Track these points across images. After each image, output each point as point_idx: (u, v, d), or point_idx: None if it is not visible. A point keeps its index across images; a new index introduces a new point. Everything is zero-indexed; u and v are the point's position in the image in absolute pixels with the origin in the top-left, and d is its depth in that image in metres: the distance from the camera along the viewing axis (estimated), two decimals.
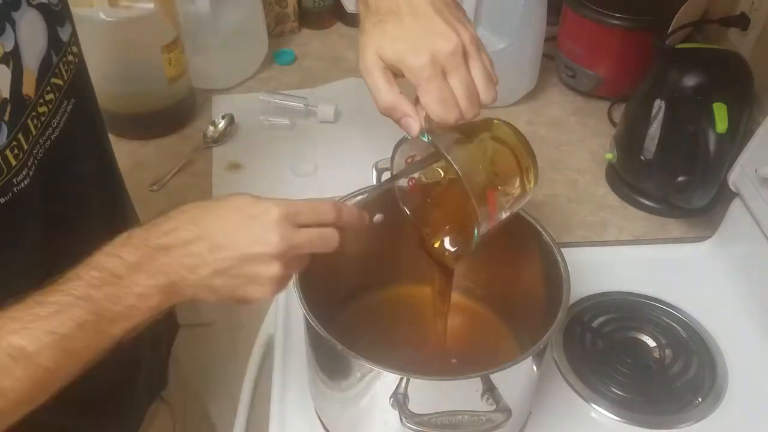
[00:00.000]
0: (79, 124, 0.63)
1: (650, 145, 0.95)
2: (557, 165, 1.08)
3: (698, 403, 0.77)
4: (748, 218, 0.87)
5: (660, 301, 0.88)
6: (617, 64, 1.15)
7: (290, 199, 0.57)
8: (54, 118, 0.59)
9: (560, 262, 0.68)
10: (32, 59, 0.56)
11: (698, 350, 0.83)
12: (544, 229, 0.72)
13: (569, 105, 1.20)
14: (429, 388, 0.62)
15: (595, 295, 0.88)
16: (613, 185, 1.04)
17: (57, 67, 0.60)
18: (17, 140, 0.54)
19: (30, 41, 0.55)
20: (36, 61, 0.56)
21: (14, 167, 0.54)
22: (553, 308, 0.65)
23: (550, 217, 0.97)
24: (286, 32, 1.34)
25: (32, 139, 0.56)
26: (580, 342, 0.83)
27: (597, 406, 0.77)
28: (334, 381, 0.68)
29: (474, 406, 0.59)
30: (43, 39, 0.57)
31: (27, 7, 0.55)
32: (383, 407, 0.61)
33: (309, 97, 1.15)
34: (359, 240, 0.78)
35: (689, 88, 0.91)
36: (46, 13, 0.58)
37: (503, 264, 0.79)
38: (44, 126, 0.58)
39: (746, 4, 1.02)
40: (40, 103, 0.57)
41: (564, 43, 1.20)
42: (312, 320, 0.62)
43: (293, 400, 0.77)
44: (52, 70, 0.59)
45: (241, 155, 1.07)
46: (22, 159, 0.54)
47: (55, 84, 0.59)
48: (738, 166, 0.87)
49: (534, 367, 0.66)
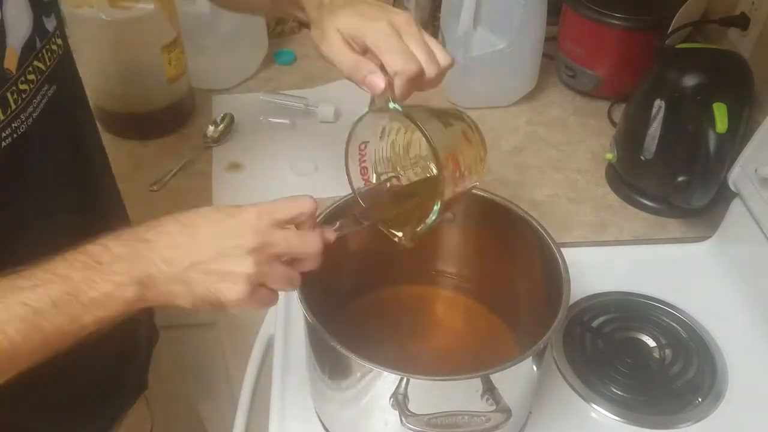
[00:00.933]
0: (60, 110, 0.64)
1: (650, 145, 0.95)
2: (557, 165, 1.08)
3: (698, 403, 0.77)
4: (748, 218, 0.87)
5: (660, 301, 0.88)
6: (617, 64, 1.15)
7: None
8: (35, 98, 0.60)
9: (560, 262, 0.68)
10: (16, 39, 0.57)
11: (698, 350, 0.83)
12: (544, 229, 0.72)
13: (569, 105, 1.20)
14: (429, 388, 0.62)
15: (595, 295, 0.88)
16: (613, 185, 1.04)
17: (40, 52, 0.61)
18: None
19: (15, 22, 0.56)
20: (20, 41, 0.57)
21: None
22: (553, 308, 0.65)
23: (550, 217, 0.97)
24: (286, 32, 1.34)
25: (11, 112, 0.57)
26: (580, 342, 0.83)
27: (597, 406, 0.77)
28: (334, 381, 0.68)
29: (474, 406, 0.59)
30: (28, 23, 0.59)
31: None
32: (383, 407, 0.61)
33: (309, 97, 1.15)
34: (359, 240, 0.78)
35: (689, 88, 0.91)
36: (32, 1, 0.59)
37: (503, 264, 0.79)
38: (25, 103, 0.59)
39: (746, 4, 1.02)
40: (21, 81, 0.58)
41: (564, 43, 1.20)
42: (312, 320, 0.62)
43: (293, 400, 0.77)
44: (35, 54, 0.60)
45: (241, 155, 1.07)
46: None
47: (37, 67, 0.60)
48: (738, 166, 0.87)
49: (534, 367, 0.66)
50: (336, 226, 0.61)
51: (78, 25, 1.00)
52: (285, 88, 1.20)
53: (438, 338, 0.84)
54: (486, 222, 0.77)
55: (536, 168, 1.08)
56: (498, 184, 1.04)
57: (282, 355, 0.81)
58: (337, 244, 0.61)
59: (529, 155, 1.10)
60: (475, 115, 0.66)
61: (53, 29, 0.63)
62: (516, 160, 1.09)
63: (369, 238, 0.79)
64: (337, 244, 0.61)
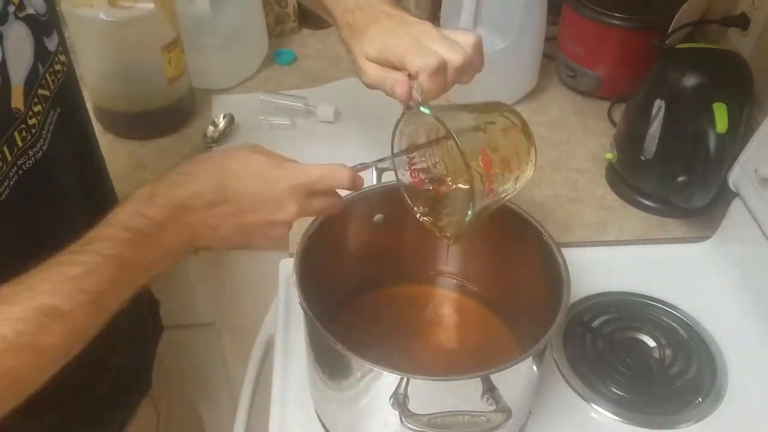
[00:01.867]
0: (66, 129, 0.64)
1: (650, 145, 0.95)
2: (557, 165, 1.08)
3: (698, 403, 0.77)
4: (748, 218, 0.87)
5: (660, 301, 0.88)
6: (617, 64, 1.15)
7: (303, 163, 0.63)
8: (43, 129, 0.60)
9: (560, 262, 0.68)
10: (19, 73, 0.56)
11: (698, 350, 0.83)
12: (544, 229, 0.72)
13: (569, 105, 1.20)
14: (429, 388, 0.62)
15: (595, 295, 0.88)
16: (613, 185, 1.04)
17: (43, 78, 0.60)
18: (1, 152, 0.54)
19: (16, 55, 0.56)
20: (23, 75, 0.57)
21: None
22: (553, 308, 0.65)
23: (550, 217, 0.97)
24: (286, 32, 1.34)
25: (17, 150, 0.56)
26: (580, 342, 0.83)
27: (597, 406, 0.77)
28: (334, 381, 0.68)
29: (474, 406, 0.59)
30: (30, 51, 0.58)
31: (14, 20, 0.55)
32: (383, 407, 0.61)
33: (309, 97, 1.15)
34: (359, 239, 0.78)
35: (689, 88, 0.91)
36: (33, 24, 0.58)
37: (503, 264, 0.79)
38: (35, 138, 0.58)
39: (746, 4, 1.02)
40: (29, 116, 0.58)
41: (564, 43, 1.20)
42: (312, 320, 0.62)
43: (293, 400, 0.77)
44: (38, 81, 0.59)
45: None
46: (5, 171, 0.55)
47: (42, 95, 0.60)
48: (738, 166, 0.87)
49: (534, 367, 0.66)
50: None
51: (78, 25, 1.00)
52: (285, 88, 1.20)
53: (438, 338, 0.84)
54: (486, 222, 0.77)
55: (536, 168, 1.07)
56: None
57: (282, 355, 0.81)
58: (338, 243, 0.61)
59: None
60: None
61: (55, 48, 0.62)
62: None
63: (369, 238, 0.79)
64: (338, 243, 0.61)
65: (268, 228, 0.60)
